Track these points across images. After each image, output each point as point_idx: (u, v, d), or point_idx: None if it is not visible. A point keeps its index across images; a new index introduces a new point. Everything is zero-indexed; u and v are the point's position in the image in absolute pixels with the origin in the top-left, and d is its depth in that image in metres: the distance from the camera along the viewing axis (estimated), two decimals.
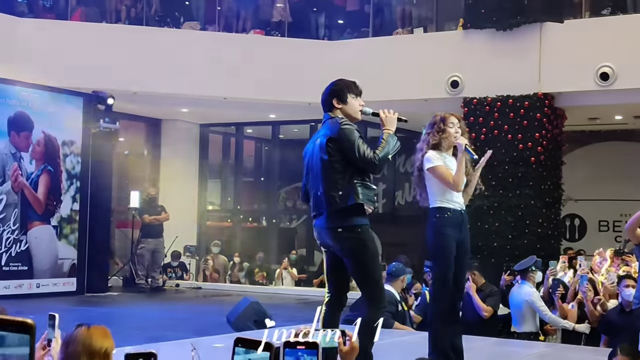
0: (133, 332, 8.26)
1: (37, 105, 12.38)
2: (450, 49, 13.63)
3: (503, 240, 12.56)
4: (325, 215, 4.74)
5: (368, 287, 4.73)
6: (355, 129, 4.76)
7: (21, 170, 12.10)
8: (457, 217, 5.26)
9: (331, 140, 4.71)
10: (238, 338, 2.25)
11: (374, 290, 4.73)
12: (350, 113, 4.90)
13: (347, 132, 4.70)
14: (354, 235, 4.68)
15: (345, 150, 4.69)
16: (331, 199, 4.69)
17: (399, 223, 16.70)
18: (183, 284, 14.97)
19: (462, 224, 5.29)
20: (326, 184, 4.71)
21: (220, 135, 17.52)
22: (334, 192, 4.69)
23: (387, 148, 4.75)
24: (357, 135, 4.72)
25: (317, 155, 4.77)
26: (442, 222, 5.24)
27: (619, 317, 7.33)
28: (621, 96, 12.61)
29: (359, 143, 4.67)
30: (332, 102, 4.90)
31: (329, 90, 4.96)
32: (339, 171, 4.69)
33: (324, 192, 4.72)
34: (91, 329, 2.83)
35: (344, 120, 4.78)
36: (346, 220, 4.68)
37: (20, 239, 12.05)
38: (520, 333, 8.35)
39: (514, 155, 12.85)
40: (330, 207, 4.70)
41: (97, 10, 15.31)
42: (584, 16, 13.25)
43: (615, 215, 16.10)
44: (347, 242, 4.70)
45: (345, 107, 4.90)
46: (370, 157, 4.65)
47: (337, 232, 4.70)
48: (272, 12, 15.49)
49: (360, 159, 4.66)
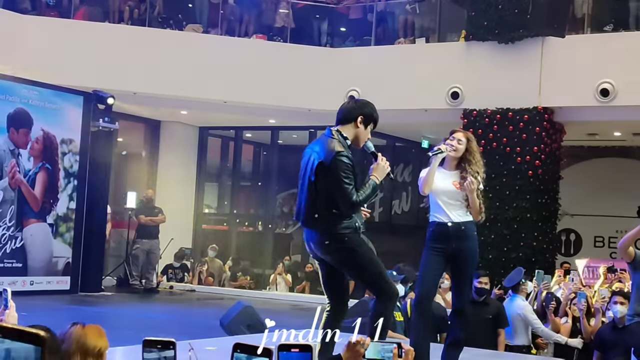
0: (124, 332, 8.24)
1: (37, 102, 12.38)
2: (451, 60, 13.66)
3: (498, 252, 12.57)
4: (310, 229, 4.77)
5: (372, 285, 4.86)
6: (350, 163, 4.64)
7: (19, 167, 12.10)
8: (442, 230, 5.31)
9: (321, 166, 4.66)
10: (237, 344, 2.26)
11: (378, 285, 4.77)
12: (360, 139, 4.84)
13: (340, 164, 4.60)
14: (342, 246, 4.67)
15: (330, 182, 4.62)
16: (311, 218, 4.73)
17: (395, 232, 16.71)
18: (177, 286, 14.95)
19: (450, 237, 5.30)
20: (308, 204, 4.72)
21: (219, 138, 17.53)
22: (312, 214, 4.71)
23: (368, 193, 4.67)
24: (348, 171, 4.61)
25: (307, 171, 4.75)
26: (428, 236, 5.41)
27: (611, 333, 7.33)
28: (621, 113, 12.64)
29: (347, 180, 4.58)
30: (356, 118, 4.80)
31: (360, 106, 4.87)
32: (321, 197, 4.67)
33: (304, 210, 4.75)
34: (86, 327, 2.83)
35: (341, 151, 4.64)
36: (331, 231, 4.67)
37: (15, 235, 12.03)
38: (513, 346, 8.34)
39: (512, 168, 12.87)
40: (309, 224, 4.75)
41: (101, 9, 15.31)
42: (585, 32, 13.29)
43: (611, 231, 16.11)
44: (336, 254, 4.71)
45: (362, 131, 4.83)
46: (351, 198, 4.58)
47: (325, 245, 4.70)
48: (275, 18, 15.51)
49: (340, 195, 4.59)
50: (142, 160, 16.89)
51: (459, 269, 5.39)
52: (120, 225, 15.57)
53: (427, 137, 15.64)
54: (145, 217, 14.42)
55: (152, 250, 14.46)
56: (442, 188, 5.34)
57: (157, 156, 16.56)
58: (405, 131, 15.74)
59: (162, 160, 16.51)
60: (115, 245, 15.68)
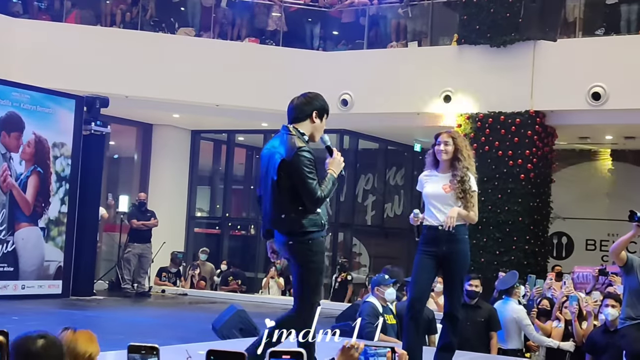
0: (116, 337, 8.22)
1: (28, 106, 12.34)
2: (443, 63, 13.69)
3: (490, 256, 12.59)
4: (277, 230, 4.76)
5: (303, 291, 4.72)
6: (312, 158, 4.63)
7: (10, 170, 12.06)
8: (433, 233, 5.34)
9: (284, 163, 4.64)
10: (210, 350, 2.29)
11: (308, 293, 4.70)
12: (316, 133, 4.82)
13: (302, 160, 4.59)
14: (305, 247, 4.66)
15: (294, 178, 4.61)
16: (277, 218, 4.72)
17: (388, 235, 16.73)
18: (169, 290, 14.92)
19: (441, 240, 5.31)
20: (273, 204, 4.71)
21: (212, 142, 17.51)
22: (278, 214, 4.70)
23: (329, 188, 4.66)
24: (310, 166, 4.60)
25: (270, 171, 4.73)
26: (419, 240, 5.46)
27: (603, 337, 7.34)
28: (612, 116, 12.68)
29: (310, 175, 4.58)
30: (311, 114, 4.78)
31: (310, 100, 4.83)
32: (285, 195, 4.66)
33: (270, 210, 4.74)
34: (77, 333, 2.82)
35: (302, 147, 4.63)
36: (297, 231, 4.65)
37: (7, 239, 11.99)
38: (506, 350, 8.35)
39: (504, 172, 12.90)
40: (276, 225, 4.74)
41: (93, 13, 15.29)
42: (577, 36, 13.34)
43: (603, 235, 16.15)
44: (299, 255, 4.70)
45: (318, 125, 4.81)
46: (315, 193, 4.57)
47: (289, 245, 4.70)
48: (268, 21, 15.52)
49: (305, 191, 4.58)
50: (134, 164, 16.86)
51: (450, 273, 5.41)
52: (112, 229, 15.53)
53: (420, 140, 15.67)
54: (137, 222, 14.39)
55: (145, 254, 14.43)
56: (433, 192, 5.37)
57: (149, 160, 16.52)
58: (398, 134, 15.76)
59: (154, 163, 16.47)
60: (107, 249, 15.64)
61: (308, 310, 4.65)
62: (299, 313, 4.69)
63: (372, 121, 14.56)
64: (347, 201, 16.10)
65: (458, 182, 5.33)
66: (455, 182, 5.33)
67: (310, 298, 4.70)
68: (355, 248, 16.75)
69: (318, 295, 4.76)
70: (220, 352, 2.35)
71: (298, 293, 4.76)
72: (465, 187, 5.33)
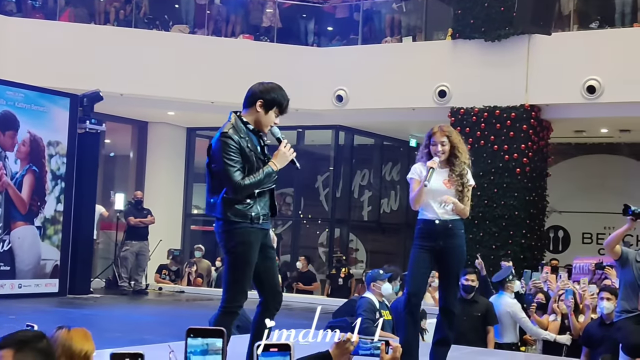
0: (114, 334, 8.23)
1: (23, 104, 12.31)
2: (438, 58, 13.69)
3: (487, 250, 12.60)
4: (210, 215, 4.68)
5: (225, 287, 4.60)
6: (235, 145, 4.48)
7: (5, 169, 12.03)
8: (430, 227, 5.32)
9: (210, 148, 4.60)
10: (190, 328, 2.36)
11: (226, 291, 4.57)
12: (262, 123, 4.64)
13: (223, 145, 4.48)
14: (229, 236, 4.53)
15: (216, 162, 4.55)
16: (207, 202, 4.67)
17: (385, 231, 16.73)
18: (166, 288, 14.91)
19: (438, 235, 5.30)
20: (207, 189, 4.66)
21: (207, 139, 17.48)
22: (208, 198, 4.64)
23: (259, 178, 4.52)
24: (232, 152, 4.46)
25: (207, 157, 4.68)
26: (416, 233, 5.40)
27: (599, 329, 7.37)
28: (607, 109, 12.69)
29: (230, 162, 4.45)
30: (254, 103, 4.61)
31: (262, 90, 4.64)
32: (215, 180, 4.60)
33: (206, 196, 4.69)
34: (71, 331, 2.81)
35: (226, 132, 4.50)
36: (225, 218, 4.53)
37: (3, 239, 11.97)
38: (502, 344, 8.36)
39: (500, 166, 12.91)
40: (208, 209, 4.67)
41: (86, 11, 15.26)
42: (572, 29, 13.34)
43: (599, 228, 16.18)
44: (222, 242, 4.59)
45: (263, 116, 4.63)
46: (233, 179, 4.44)
47: (218, 233, 4.61)
48: (262, 18, 15.51)
49: (224, 177, 4.47)
50: (129, 162, 16.84)
51: (446, 267, 5.40)
52: (109, 227, 15.51)
53: (415, 135, 15.67)
54: (134, 219, 14.38)
55: (142, 251, 14.42)
56: (434, 187, 5.32)
57: (145, 157, 16.51)
58: (393, 130, 15.77)
59: (150, 161, 16.46)
60: (103, 247, 15.62)
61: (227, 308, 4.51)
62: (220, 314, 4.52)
63: (367, 117, 14.56)
64: (343, 197, 16.10)
65: (457, 177, 5.33)
66: (454, 177, 5.34)
67: (228, 291, 4.53)
68: (352, 244, 16.76)
69: (240, 290, 4.53)
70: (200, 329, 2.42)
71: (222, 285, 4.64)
72: (464, 181, 5.34)
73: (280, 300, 4.82)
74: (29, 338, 2.51)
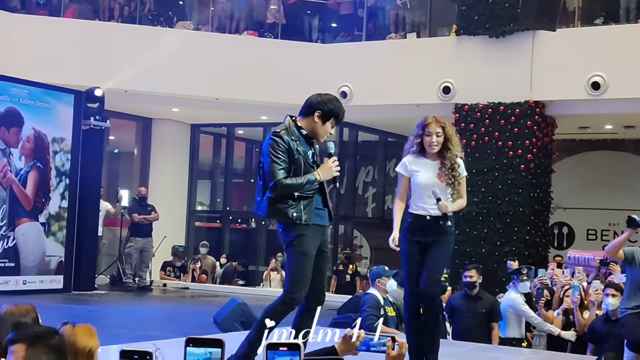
0: (119, 331, 8.25)
1: (27, 101, 12.33)
2: (442, 54, 13.66)
3: (491, 246, 12.59)
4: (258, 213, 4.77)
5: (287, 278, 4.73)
6: (283, 143, 4.59)
7: (10, 166, 12.05)
8: (421, 223, 5.25)
9: (262, 147, 4.74)
10: (189, 338, 2.36)
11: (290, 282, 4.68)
12: (318, 133, 4.77)
13: (273, 142, 4.59)
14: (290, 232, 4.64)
15: (263, 158, 4.65)
16: (256, 202, 4.75)
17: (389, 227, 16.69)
18: (170, 284, 14.94)
19: (429, 230, 5.22)
20: (258, 188, 4.74)
21: (211, 135, 17.50)
22: (257, 197, 4.72)
23: (300, 182, 4.58)
24: (280, 151, 4.57)
25: None
26: (405, 226, 5.34)
27: (604, 326, 7.37)
28: (612, 106, 12.66)
29: (276, 160, 4.56)
30: (312, 114, 4.74)
31: (321, 102, 4.76)
32: (264, 181, 4.69)
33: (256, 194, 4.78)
34: (76, 327, 2.81)
35: (278, 131, 4.63)
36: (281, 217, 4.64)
37: (7, 235, 11.99)
38: (505, 338, 8.36)
39: (504, 162, 12.88)
40: (256, 208, 4.75)
41: (90, 7, 15.27)
42: (576, 25, 13.31)
43: (604, 224, 16.15)
44: (283, 239, 4.71)
45: (320, 126, 4.76)
46: (275, 176, 4.53)
47: (279, 232, 4.74)
48: (266, 14, 15.49)
49: (268, 173, 4.58)
50: (133, 158, 16.86)
51: (430, 251, 5.25)
52: (113, 223, 15.54)
53: None
54: (139, 216, 14.40)
55: (146, 248, 14.44)
56: (427, 181, 5.26)
57: (149, 154, 16.52)
58: (397, 126, 15.73)
59: (154, 158, 16.47)
60: (108, 244, 15.64)
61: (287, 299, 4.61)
62: (278, 302, 4.65)
63: (371, 113, 14.53)
64: (348, 194, 16.10)
65: (448, 169, 5.26)
66: (445, 170, 5.26)
67: (288, 284, 4.64)
68: (356, 240, 16.76)
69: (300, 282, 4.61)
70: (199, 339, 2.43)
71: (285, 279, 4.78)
72: (455, 174, 5.27)
73: (322, 300, 4.87)
74: (41, 334, 2.51)
